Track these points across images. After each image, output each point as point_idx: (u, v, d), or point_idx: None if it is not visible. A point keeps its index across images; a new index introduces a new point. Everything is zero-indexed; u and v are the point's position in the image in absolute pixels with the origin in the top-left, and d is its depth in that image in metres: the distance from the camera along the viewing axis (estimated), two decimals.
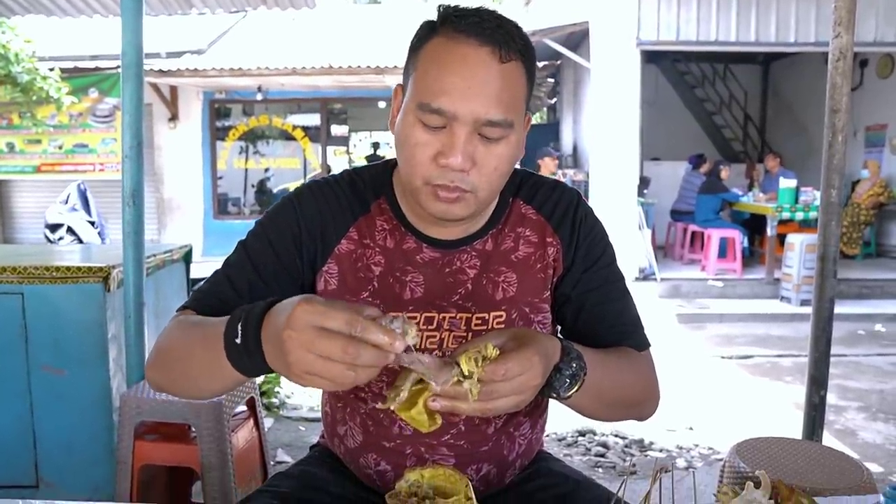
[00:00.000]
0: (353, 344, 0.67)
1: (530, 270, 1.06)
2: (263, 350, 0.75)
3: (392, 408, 0.75)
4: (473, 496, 0.77)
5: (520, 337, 0.82)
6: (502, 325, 1.03)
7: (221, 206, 10.04)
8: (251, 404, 2.23)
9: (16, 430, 2.36)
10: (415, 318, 1.02)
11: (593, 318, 1.07)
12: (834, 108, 1.95)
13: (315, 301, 0.70)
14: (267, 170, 10.32)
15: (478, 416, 0.79)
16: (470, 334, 1.02)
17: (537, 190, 1.09)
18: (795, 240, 6.44)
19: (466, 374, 0.74)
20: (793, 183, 7.08)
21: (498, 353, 0.76)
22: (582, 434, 3.41)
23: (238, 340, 0.77)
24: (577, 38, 8.94)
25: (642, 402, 1.08)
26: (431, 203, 0.94)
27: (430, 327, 1.02)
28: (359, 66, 8.10)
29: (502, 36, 0.89)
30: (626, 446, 3.30)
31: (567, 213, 1.08)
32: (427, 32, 0.93)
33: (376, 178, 1.08)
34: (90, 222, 5.88)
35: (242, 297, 1.01)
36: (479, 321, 1.03)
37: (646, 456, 3.20)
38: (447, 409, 0.76)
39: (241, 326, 0.77)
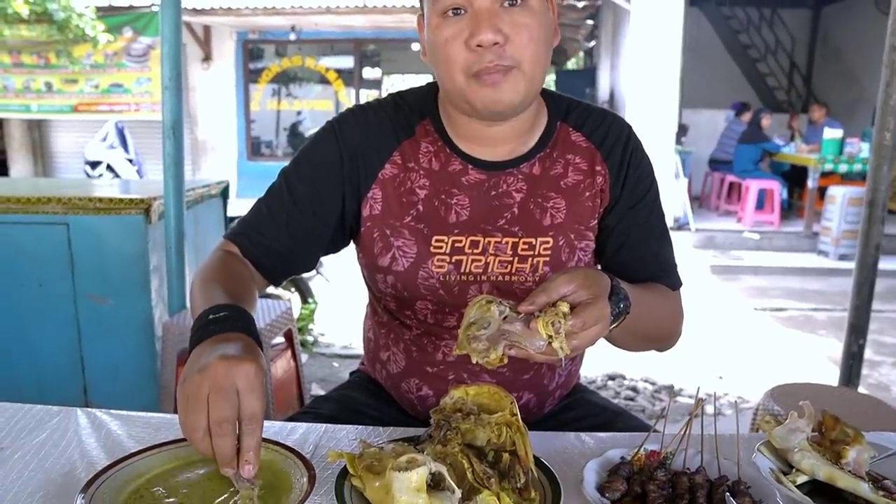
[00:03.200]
0: (229, 427, 0.69)
1: (579, 198, 1.04)
2: (193, 346, 0.79)
3: (475, 360, 0.77)
4: (518, 413, 0.78)
5: (590, 285, 0.81)
6: (549, 252, 1.02)
7: (255, 147, 10.09)
8: (289, 336, 2.28)
9: (66, 356, 2.46)
10: (460, 241, 1.01)
11: (634, 254, 1.06)
12: (894, 45, 1.86)
13: (260, 374, 0.72)
14: (299, 112, 10.30)
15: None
16: (516, 259, 1.02)
17: (587, 117, 1.07)
18: (837, 192, 6.26)
19: (546, 337, 0.76)
20: (838, 133, 6.84)
21: (569, 308, 0.78)
22: (612, 378, 3.44)
23: (197, 325, 0.82)
24: None
25: (667, 338, 1.11)
26: (479, 94, 0.92)
27: (475, 251, 1.01)
28: (393, 6, 7.94)
29: None
30: (655, 391, 3.32)
31: (618, 143, 1.05)
32: None
33: (421, 99, 1.06)
34: (128, 160, 5.96)
35: (281, 228, 1.02)
36: (526, 246, 1.02)
37: (675, 401, 3.22)
38: (522, 356, 0.79)
39: (202, 318, 0.82)
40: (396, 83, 11.50)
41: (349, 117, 1.05)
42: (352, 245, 1.12)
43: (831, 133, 6.85)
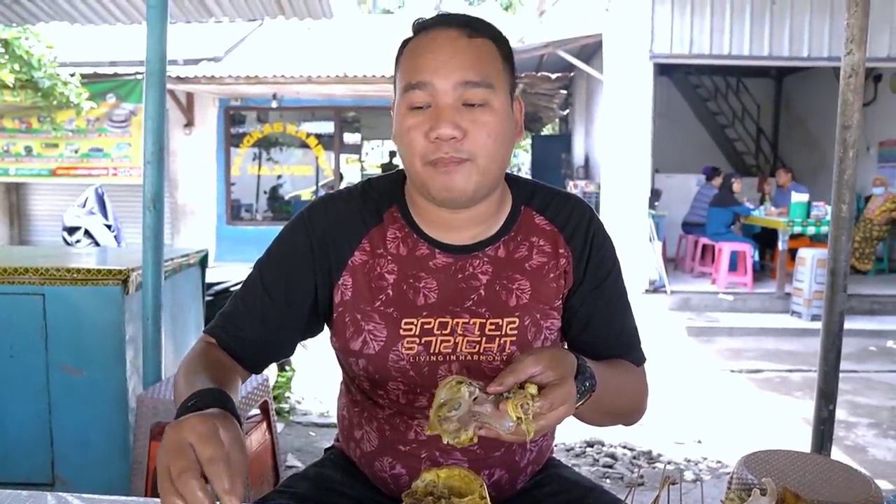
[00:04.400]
0: (189, 476, 0.70)
1: (544, 279, 1.07)
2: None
3: (446, 441, 0.81)
4: (487, 496, 0.80)
5: (555, 364, 0.85)
6: (515, 332, 1.05)
7: (234, 211, 10.14)
8: (264, 408, 2.26)
9: (34, 428, 2.40)
10: (429, 323, 1.04)
11: (598, 333, 1.10)
12: (845, 125, 1.97)
13: (207, 423, 0.74)
14: (280, 177, 10.41)
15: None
16: (483, 339, 1.05)
17: (550, 201, 1.11)
18: (806, 254, 6.43)
19: (515, 419, 0.80)
20: (805, 197, 7.07)
21: (537, 389, 0.82)
22: (590, 445, 3.42)
23: (178, 414, 0.83)
24: (591, 50, 8.98)
25: (631, 413, 1.13)
26: (434, 180, 0.97)
27: (444, 332, 1.04)
28: (373, 76, 8.17)
29: (468, 21, 0.99)
30: (633, 458, 3.31)
31: (580, 225, 1.09)
32: (404, 43, 1.02)
33: (388, 187, 1.11)
34: (107, 226, 5.96)
35: (255, 320, 1.06)
36: (493, 326, 1.05)
37: (654, 468, 3.20)
38: (492, 436, 0.82)
39: (183, 405, 0.84)
40: (376, 148, 11.73)
41: (319, 207, 1.08)
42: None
43: (798, 197, 7.09)
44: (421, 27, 1.00)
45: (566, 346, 1.13)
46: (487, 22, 1.01)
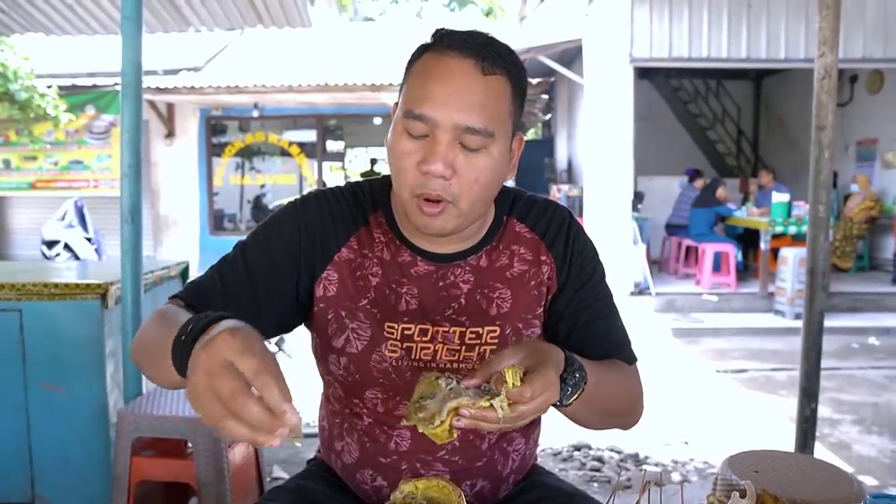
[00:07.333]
0: (244, 396, 0.64)
1: (525, 287, 1.08)
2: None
3: (421, 430, 0.79)
4: None
5: (536, 354, 0.85)
6: (496, 340, 1.05)
7: (217, 221, 10.06)
8: None
9: (12, 446, 2.36)
10: (410, 329, 1.04)
11: (585, 334, 1.09)
12: (820, 126, 1.99)
13: (238, 336, 0.67)
14: (263, 186, 10.35)
15: (499, 430, 0.85)
16: (463, 347, 1.05)
17: (530, 208, 1.12)
18: (788, 254, 6.48)
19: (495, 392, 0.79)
20: (785, 197, 7.15)
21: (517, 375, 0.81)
22: (577, 448, 3.42)
23: (182, 338, 0.77)
24: (571, 55, 9.04)
25: (628, 413, 1.12)
26: (417, 216, 0.97)
27: (424, 339, 1.05)
28: (354, 84, 8.16)
29: (487, 51, 0.94)
30: (621, 461, 3.31)
31: (560, 231, 1.10)
32: (420, 51, 0.98)
33: (376, 191, 1.11)
34: (87, 239, 5.88)
35: (230, 294, 1.01)
36: (473, 335, 1.05)
37: (641, 470, 3.21)
38: (471, 427, 0.80)
39: (191, 327, 0.77)
40: (359, 155, 11.72)
41: (311, 199, 1.09)
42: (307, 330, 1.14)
43: (779, 197, 7.16)
44: (440, 41, 0.95)
45: None
46: (508, 50, 0.97)
